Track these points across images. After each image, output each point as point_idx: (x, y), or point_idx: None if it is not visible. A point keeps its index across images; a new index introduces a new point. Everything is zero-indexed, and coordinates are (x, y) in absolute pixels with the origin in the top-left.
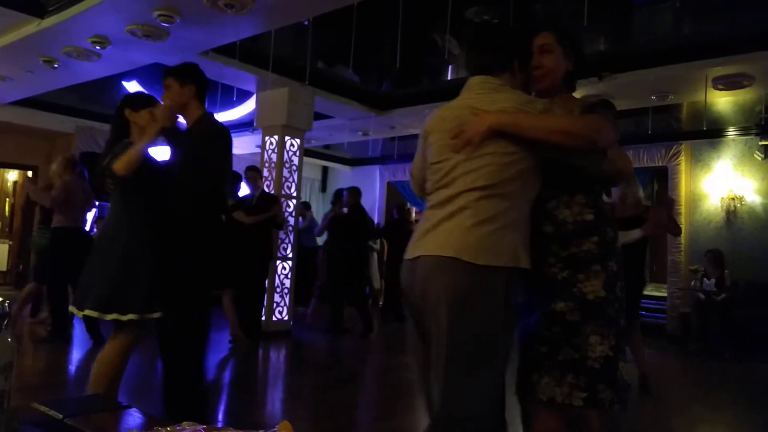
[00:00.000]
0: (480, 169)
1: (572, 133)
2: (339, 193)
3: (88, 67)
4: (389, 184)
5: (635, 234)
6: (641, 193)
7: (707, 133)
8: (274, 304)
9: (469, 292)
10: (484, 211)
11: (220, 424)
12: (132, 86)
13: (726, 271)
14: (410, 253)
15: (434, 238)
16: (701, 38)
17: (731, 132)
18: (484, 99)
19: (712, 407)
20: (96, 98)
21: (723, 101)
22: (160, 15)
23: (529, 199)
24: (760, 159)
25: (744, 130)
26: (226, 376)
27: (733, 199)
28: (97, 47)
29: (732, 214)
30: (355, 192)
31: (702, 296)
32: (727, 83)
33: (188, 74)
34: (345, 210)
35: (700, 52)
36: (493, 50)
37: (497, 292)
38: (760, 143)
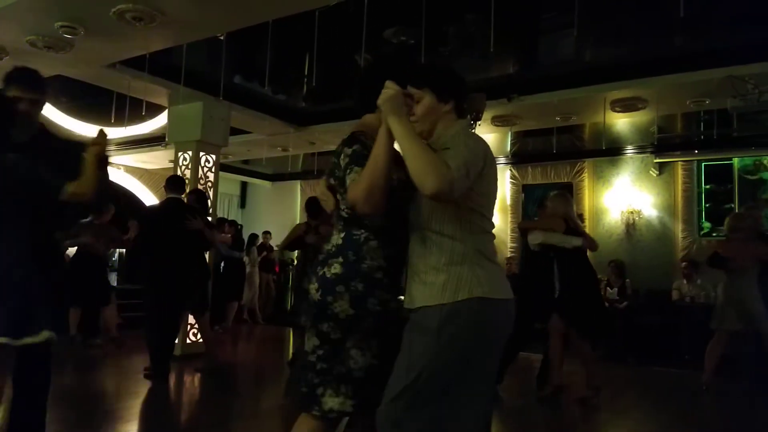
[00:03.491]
0: None
1: None
2: (317, 204)
3: None
4: None
5: (575, 241)
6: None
7: (607, 151)
8: (188, 326)
9: None
10: None
11: None
12: None
13: (627, 280)
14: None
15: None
16: (600, 64)
17: (629, 150)
18: None
19: (617, 410)
20: None
21: (621, 122)
22: (62, 26)
23: None
24: (655, 175)
25: (640, 149)
26: (136, 402)
27: (632, 212)
28: None
29: (631, 227)
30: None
31: (606, 304)
32: (624, 106)
33: None
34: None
35: (599, 76)
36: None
37: None
38: (655, 161)
